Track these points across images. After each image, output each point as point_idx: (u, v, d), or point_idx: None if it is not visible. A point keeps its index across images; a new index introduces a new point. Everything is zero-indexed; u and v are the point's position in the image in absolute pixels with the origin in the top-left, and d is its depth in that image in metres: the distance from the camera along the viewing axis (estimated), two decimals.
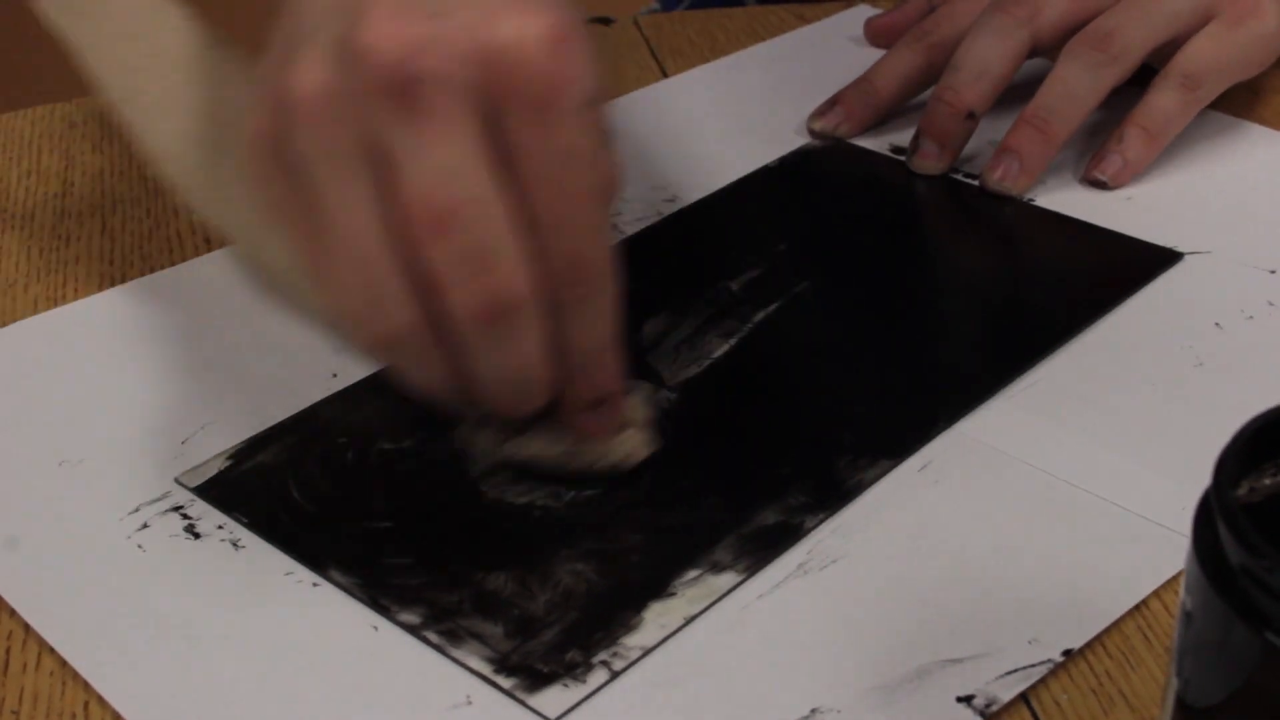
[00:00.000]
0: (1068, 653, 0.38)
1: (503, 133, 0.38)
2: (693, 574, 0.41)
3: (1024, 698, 0.37)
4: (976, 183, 0.59)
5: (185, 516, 0.44)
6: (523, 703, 0.37)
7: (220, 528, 0.44)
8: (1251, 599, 0.27)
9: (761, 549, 0.42)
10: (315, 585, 0.41)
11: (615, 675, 0.38)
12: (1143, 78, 0.59)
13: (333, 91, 0.38)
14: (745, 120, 0.65)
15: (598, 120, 0.39)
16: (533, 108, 0.37)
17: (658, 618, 0.40)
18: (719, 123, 0.65)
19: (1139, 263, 0.54)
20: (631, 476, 0.44)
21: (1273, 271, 0.53)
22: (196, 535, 0.43)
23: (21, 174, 0.63)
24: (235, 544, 0.43)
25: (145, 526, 0.44)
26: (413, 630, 0.40)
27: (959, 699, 0.37)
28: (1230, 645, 0.27)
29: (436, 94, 0.37)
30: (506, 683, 0.38)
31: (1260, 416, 0.29)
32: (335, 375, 0.50)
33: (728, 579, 0.41)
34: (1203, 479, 0.28)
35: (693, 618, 0.40)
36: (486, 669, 0.38)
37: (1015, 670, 0.37)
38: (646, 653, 0.39)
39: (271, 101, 0.39)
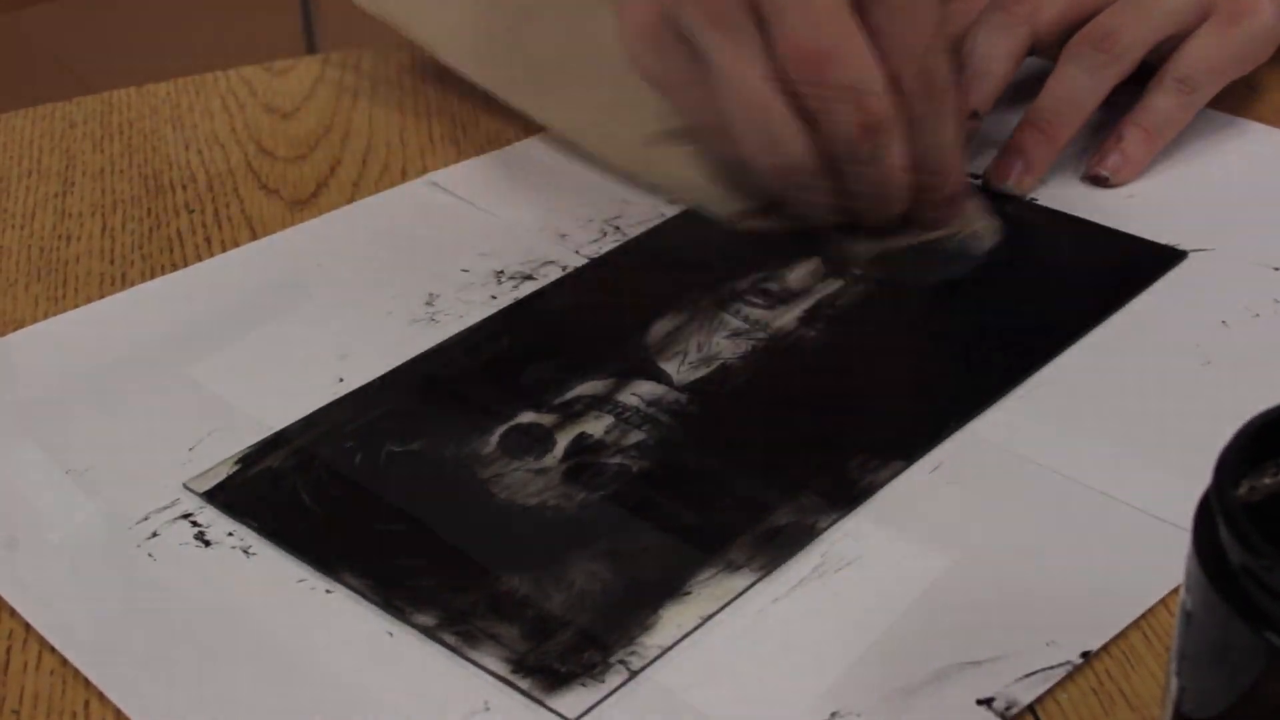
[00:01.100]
0: (1086, 654, 0.38)
1: None
2: (708, 574, 0.41)
3: None
4: (979, 183, 0.59)
5: (195, 524, 0.44)
6: (541, 703, 0.37)
7: (230, 534, 0.43)
8: (1252, 599, 0.27)
9: (775, 549, 0.42)
10: (328, 592, 0.41)
11: (634, 675, 0.38)
12: (1141, 73, 0.59)
13: None
14: None
15: None
16: None
17: (674, 618, 0.40)
18: None
19: (1143, 261, 0.54)
20: (642, 479, 0.44)
21: (1277, 269, 0.53)
22: (207, 543, 0.43)
23: (21, 173, 0.63)
24: (246, 551, 0.43)
25: (155, 535, 0.43)
26: (429, 632, 0.40)
27: (979, 701, 0.37)
28: (1230, 645, 0.27)
29: None
30: (524, 683, 0.38)
31: (1261, 415, 0.29)
32: (341, 380, 0.49)
33: (743, 579, 0.41)
34: None
35: (709, 617, 0.40)
36: (504, 670, 0.38)
37: (1035, 672, 0.37)
38: (664, 652, 0.39)
39: None
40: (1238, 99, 0.62)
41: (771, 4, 0.48)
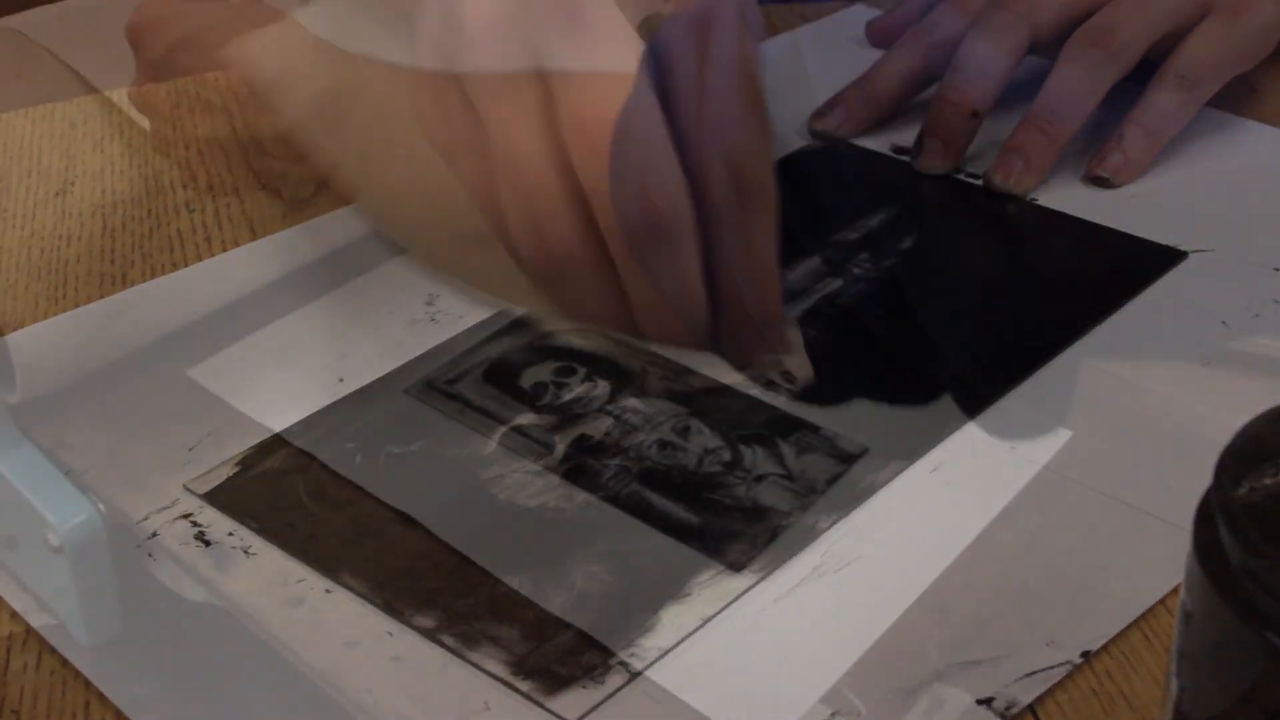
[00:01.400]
0: (1086, 654, 0.38)
1: (662, 53, 0.38)
2: (707, 575, 0.41)
3: None
4: (980, 183, 0.59)
5: (195, 524, 0.44)
6: (541, 705, 0.37)
7: (230, 534, 0.43)
8: (1252, 599, 0.27)
9: (775, 549, 0.42)
10: (328, 592, 0.41)
11: (634, 676, 0.38)
12: (1141, 72, 0.59)
13: (504, 14, 0.39)
14: None
15: (751, 43, 0.39)
16: (692, 21, 0.38)
17: (674, 619, 0.40)
18: None
19: (1143, 261, 0.54)
20: (642, 480, 0.44)
21: (1277, 269, 0.53)
22: (207, 543, 0.43)
23: (21, 174, 0.63)
24: (246, 551, 0.43)
25: (155, 535, 0.43)
26: (428, 634, 0.40)
27: (979, 701, 0.37)
28: (1230, 645, 0.27)
29: (598, 9, 0.38)
30: (524, 685, 0.38)
31: (1260, 416, 0.29)
32: (341, 380, 0.49)
33: (743, 579, 0.41)
34: None
35: (709, 619, 0.40)
36: (504, 672, 0.38)
37: (1035, 672, 0.37)
38: (664, 654, 0.39)
39: (443, 33, 0.40)
40: (1238, 99, 0.62)
41: (560, 74, 0.39)
